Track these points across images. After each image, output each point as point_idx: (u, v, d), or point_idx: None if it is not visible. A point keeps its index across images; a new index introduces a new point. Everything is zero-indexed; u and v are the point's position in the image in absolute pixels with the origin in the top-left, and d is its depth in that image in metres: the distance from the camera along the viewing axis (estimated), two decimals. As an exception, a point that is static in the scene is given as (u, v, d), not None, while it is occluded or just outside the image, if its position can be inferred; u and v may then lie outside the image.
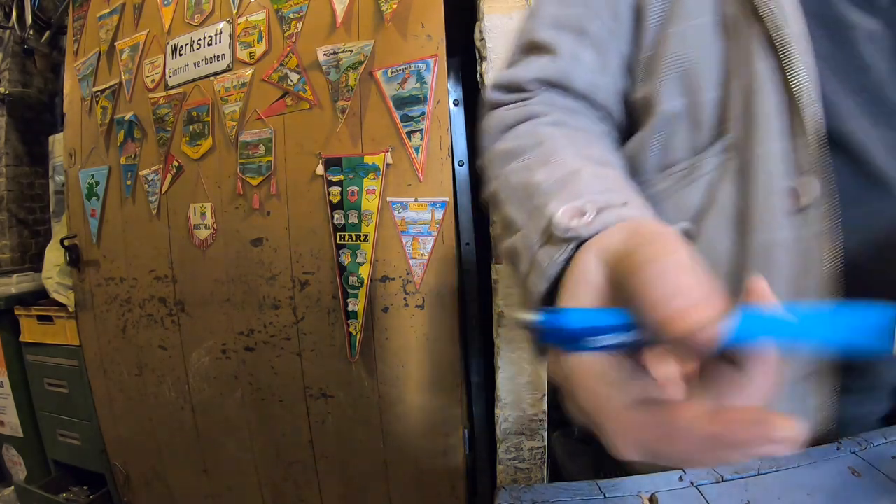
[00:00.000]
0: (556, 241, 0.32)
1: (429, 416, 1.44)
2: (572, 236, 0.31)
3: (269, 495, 1.71)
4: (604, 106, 0.54)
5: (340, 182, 1.43)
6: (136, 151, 1.78)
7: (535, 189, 0.40)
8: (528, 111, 0.51)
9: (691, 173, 0.49)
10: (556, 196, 0.36)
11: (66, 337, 1.99)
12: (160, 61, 1.70)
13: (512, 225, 0.41)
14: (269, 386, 1.63)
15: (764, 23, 0.44)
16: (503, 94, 0.55)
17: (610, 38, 0.53)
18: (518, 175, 0.44)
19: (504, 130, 0.52)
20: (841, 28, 0.45)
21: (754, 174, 0.45)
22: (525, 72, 0.54)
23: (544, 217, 0.35)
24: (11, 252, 2.41)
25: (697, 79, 0.48)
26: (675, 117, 0.50)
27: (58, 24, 2.28)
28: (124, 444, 1.98)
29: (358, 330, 1.45)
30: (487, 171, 0.52)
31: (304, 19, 1.46)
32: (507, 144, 0.49)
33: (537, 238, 0.35)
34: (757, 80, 0.45)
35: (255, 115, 1.54)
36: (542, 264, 0.33)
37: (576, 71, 0.52)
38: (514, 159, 0.47)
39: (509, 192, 0.44)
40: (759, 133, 0.45)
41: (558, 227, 0.32)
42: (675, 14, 0.50)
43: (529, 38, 0.55)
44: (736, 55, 0.47)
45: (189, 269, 1.71)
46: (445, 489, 1.46)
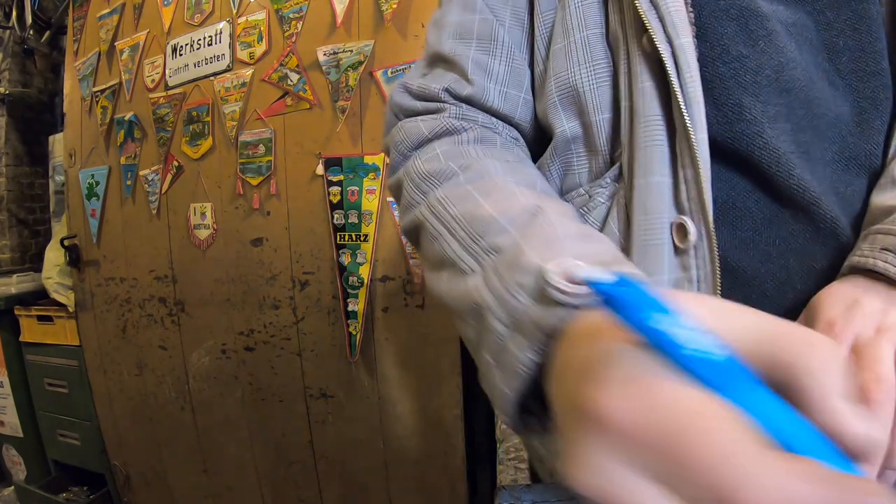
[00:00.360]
0: (551, 304, 0.27)
1: (429, 416, 1.44)
2: (577, 304, 0.26)
3: (269, 495, 1.71)
4: (518, 122, 0.50)
5: (340, 182, 1.43)
6: (136, 151, 1.78)
7: (487, 225, 0.35)
8: (444, 125, 0.46)
9: (587, 202, 0.45)
10: (527, 240, 0.31)
11: (66, 337, 1.99)
12: (160, 61, 1.70)
13: (453, 264, 0.36)
14: (269, 386, 1.63)
15: (648, 34, 0.39)
16: (413, 99, 0.50)
17: (518, 47, 0.49)
18: (455, 205, 0.38)
19: (418, 145, 0.47)
20: (753, 20, 0.41)
21: (635, 208, 0.40)
22: (436, 83, 0.49)
23: (524, 270, 0.29)
24: (11, 252, 2.41)
25: (587, 99, 0.44)
26: (573, 140, 0.46)
27: (58, 24, 2.28)
28: (124, 444, 1.98)
29: (358, 330, 1.45)
30: (405, 193, 0.45)
31: (304, 19, 1.46)
32: (429, 165, 0.43)
33: (520, 294, 0.29)
34: (641, 102, 0.40)
35: (255, 115, 1.54)
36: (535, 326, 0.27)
37: (487, 86, 0.48)
38: (441, 183, 0.41)
39: (446, 224, 0.38)
40: (642, 162, 0.40)
41: (554, 290, 0.26)
42: (562, 26, 0.46)
43: (435, 49, 0.51)
44: (623, 72, 0.42)
45: (189, 269, 1.71)
46: (445, 489, 1.46)
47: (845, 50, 0.42)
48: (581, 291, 0.25)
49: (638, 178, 0.40)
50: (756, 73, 0.40)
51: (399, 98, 0.52)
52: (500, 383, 0.29)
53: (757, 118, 0.40)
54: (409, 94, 0.51)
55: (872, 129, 0.43)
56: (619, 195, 0.43)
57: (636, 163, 0.40)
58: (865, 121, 0.43)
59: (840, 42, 0.42)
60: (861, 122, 0.43)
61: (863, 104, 0.43)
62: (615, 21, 0.43)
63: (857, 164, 0.43)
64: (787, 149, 0.40)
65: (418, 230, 0.43)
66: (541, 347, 0.27)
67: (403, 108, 0.51)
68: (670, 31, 0.38)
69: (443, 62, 0.50)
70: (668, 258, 0.40)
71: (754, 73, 0.40)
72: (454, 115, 0.47)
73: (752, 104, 0.40)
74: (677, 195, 0.39)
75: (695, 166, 0.38)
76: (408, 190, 0.45)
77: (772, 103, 0.40)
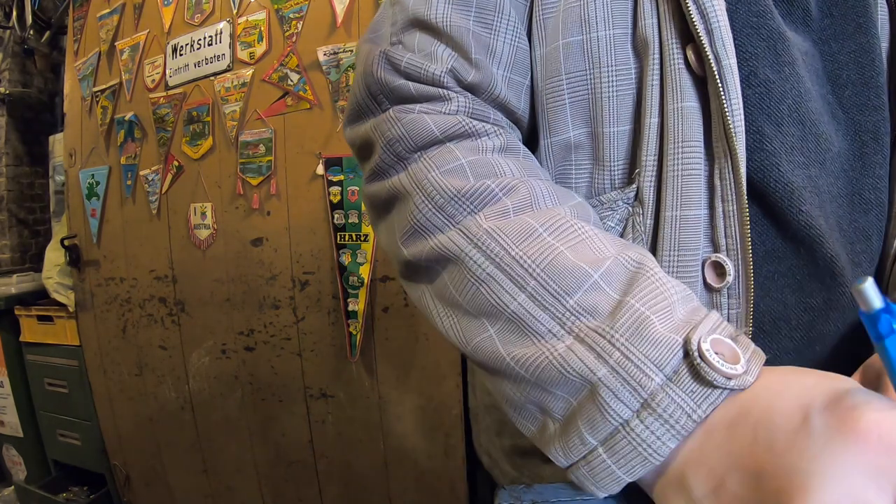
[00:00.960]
0: (703, 383, 0.25)
1: (429, 416, 1.44)
2: (735, 386, 0.24)
3: (269, 495, 1.71)
4: (520, 117, 0.43)
5: (341, 182, 1.43)
6: (137, 151, 1.78)
7: (575, 279, 0.29)
8: (461, 125, 0.38)
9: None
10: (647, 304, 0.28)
11: (66, 337, 1.99)
12: (160, 61, 1.70)
13: (517, 320, 0.31)
14: (269, 386, 1.63)
15: (696, 45, 0.35)
16: (401, 78, 0.40)
17: (522, 23, 0.42)
18: (516, 244, 0.32)
19: (424, 146, 0.38)
20: (781, 44, 0.38)
21: (664, 242, 0.37)
22: (433, 62, 0.39)
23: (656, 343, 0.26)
24: (11, 252, 2.41)
25: (604, 108, 0.39)
26: (576, 149, 0.41)
27: (58, 24, 2.28)
28: (124, 444, 1.98)
29: (358, 330, 1.45)
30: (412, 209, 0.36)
31: (304, 19, 1.46)
32: (454, 180, 0.35)
33: (655, 373, 0.26)
34: (679, 123, 0.36)
35: (255, 115, 1.54)
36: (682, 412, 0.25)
37: (493, 70, 0.40)
38: (480, 207, 0.34)
39: (506, 268, 0.31)
40: (674, 192, 0.36)
41: (712, 369, 0.24)
42: (581, 16, 0.39)
43: (419, 12, 0.40)
44: (652, 83, 0.37)
45: (189, 269, 1.71)
46: (445, 489, 1.46)
47: (848, 83, 0.41)
48: (738, 371, 0.24)
49: (669, 209, 0.36)
50: (780, 101, 0.37)
51: (381, 72, 0.40)
52: (615, 467, 0.26)
53: (776, 150, 0.37)
54: (394, 71, 0.40)
55: (874, 164, 0.42)
56: (637, 221, 0.38)
57: (666, 192, 0.36)
58: (867, 154, 0.42)
59: (843, 74, 0.41)
60: (863, 157, 0.42)
61: (864, 138, 0.42)
62: (648, 23, 0.37)
63: (861, 200, 0.42)
64: (800, 183, 0.38)
65: (439, 265, 0.35)
66: (685, 435, 0.25)
67: (388, 89, 0.40)
68: (718, 48, 0.34)
69: (429, 30, 0.40)
70: (699, 296, 0.37)
71: (778, 100, 0.37)
72: (465, 109, 0.39)
73: (774, 134, 0.37)
74: (714, 231, 0.36)
75: (739, 202, 0.34)
76: (420, 208, 0.36)
77: (790, 134, 0.38)
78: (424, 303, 0.38)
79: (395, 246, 0.39)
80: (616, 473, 0.26)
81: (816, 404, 0.22)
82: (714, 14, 0.34)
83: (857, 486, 0.19)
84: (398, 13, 0.42)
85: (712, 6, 0.34)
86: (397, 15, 0.42)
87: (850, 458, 0.20)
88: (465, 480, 1.45)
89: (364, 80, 0.41)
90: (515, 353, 0.30)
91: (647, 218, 0.38)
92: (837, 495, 0.19)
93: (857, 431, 0.20)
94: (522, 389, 0.31)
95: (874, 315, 0.21)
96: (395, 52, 0.40)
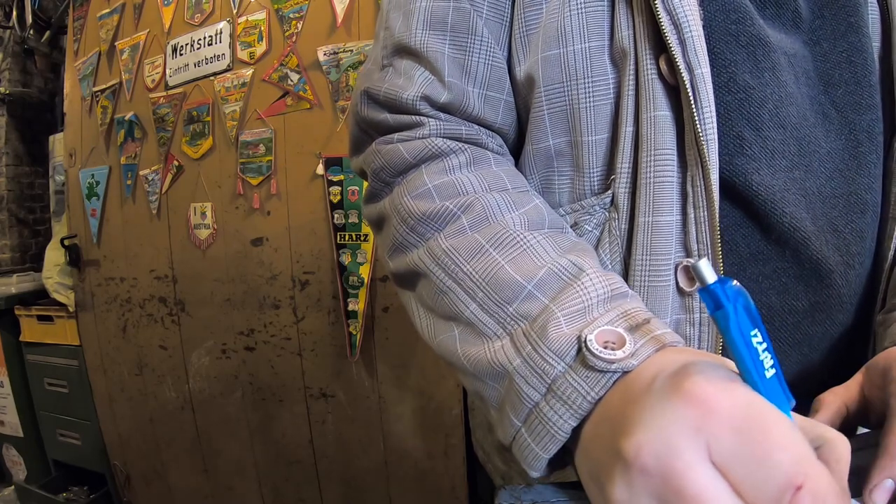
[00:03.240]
0: (591, 369, 0.28)
1: (429, 416, 1.44)
2: (618, 369, 0.27)
3: (269, 495, 1.71)
4: (500, 128, 0.45)
5: (341, 182, 1.43)
6: (137, 151, 1.78)
7: (512, 290, 0.33)
8: (429, 148, 0.41)
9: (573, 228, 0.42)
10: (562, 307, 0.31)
11: (66, 337, 1.99)
12: (160, 61, 1.70)
13: (471, 325, 0.35)
14: (269, 386, 1.63)
15: (668, 56, 0.36)
16: (381, 110, 0.44)
17: (498, 42, 0.44)
18: (468, 261, 0.36)
19: (402, 171, 0.42)
20: (761, 50, 0.38)
21: (637, 247, 0.38)
22: (408, 89, 0.42)
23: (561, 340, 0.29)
24: (11, 252, 2.41)
25: (582, 118, 0.41)
26: (557, 157, 0.43)
27: (58, 24, 2.28)
28: (124, 443, 1.98)
29: (358, 330, 1.45)
30: (392, 231, 0.42)
31: (304, 19, 1.46)
32: (422, 204, 0.39)
33: (557, 363, 0.29)
34: (651, 132, 0.37)
35: (255, 114, 1.54)
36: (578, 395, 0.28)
37: (467, 89, 0.43)
38: (442, 227, 0.39)
39: (460, 282, 0.36)
40: (647, 199, 0.38)
41: (595, 357, 0.27)
42: (558, 30, 0.41)
43: (402, 40, 0.44)
44: (628, 93, 0.38)
45: (189, 268, 1.71)
46: (445, 489, 1.46)
47: (841, 83, 0.42)
48: (618, 357, 0.27)
49: (642, 215, 0.38)
50: (760, 105, 0.38)
51: (365, 111, 0.45)
52: (534, 445, 0.30)
53: (756, 154, 0.38)
54: (375, 104, 0.45)
55: (868, 163, 0.42)
56: (612, 226, 0.40)
57: (640, 198, 0.38)
58: (861, 154, 0.42)
59: (836, 74, 0.42)
60: (857, 156, 0.42)
61: (859, 137, 0.42)
62: (624, 35, 0.38)
63: (858, 200, 0.42)
64: (783, 186, 0.39)
65: (416, 277, 0.40)
66: (582, 414, 0.28)
67: (373, 125, 0.45)
68: (690, 57, 0.35)
69: (410, 55, 0.44)
70: (671, 299, 0.38)
71: (758, 105, 0.38)
72: (436, 131, 0.42)
73: (753, 138, 0.38)
74: (686, 236, 0.37)
75: (710, 208, 0.36)
76: (397, 229, 0.41)
77: (770, 139, 0.38)
78: (409, 306, 0.43)
79: (384, 259, 0.45)
80: (535, 450, 0.30)
81: (667, 371, 0.24)
82: (687, 24, 0.35)
83: (674, 436, 0.21)
84: (387, 38, 0.45)
85: (685, 17, 0.35)
86: (387, 40, 0.45)
87: (673, 413, 0.22)
88: (465, 480, 1.45)
89: (354, 118, 0.48)
90: (466, 350, 0.35)
91: (622, 223, 0.40)
92: (654, 440, 0.22)
93: (683, 392, 0.22)
94: (469, 381, 0.36)
95: (710, 289, 0.23)
96: (375, 86, 0.44)
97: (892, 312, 0.41)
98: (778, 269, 0.40)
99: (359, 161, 0.49)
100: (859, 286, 0.44)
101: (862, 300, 0.45)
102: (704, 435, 0.21)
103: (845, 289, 0.42)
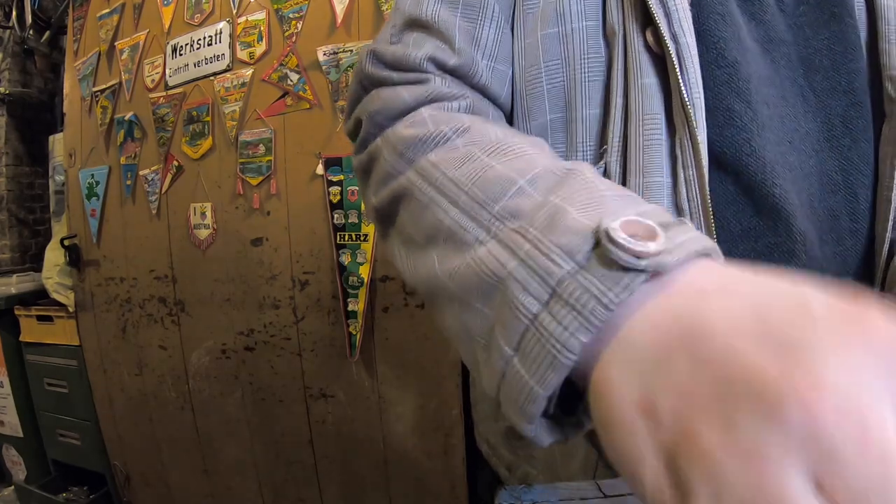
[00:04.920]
0: (612, 265, 0.21)
1: (429, 416, 1.44)
2: (648, 267, 0.21)
3: (269, 495, 1.70)
4: (503, 103, 0.46)
5: (340, 182, 1.43)
6: (136, 151, 1.78)
7: (501, 186, 0.29)
8: (429, 91, 0.41)
9: None
10: (564, 200, 0.26)
11: (66, 337, 1.99)
12: (160, 61, 1.70)
13: (451, 236, 0.30)
14: (269, 386, 1.63)
15: (654, 28, 0.38)
16: (387, 70, 0.43)
17: (506, 17, 0.45)
18: (454, 167, 0.32)
19: (399, 114, 0.41)
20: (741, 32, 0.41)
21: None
22: (415, 50, 0.42)
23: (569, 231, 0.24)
24: (11, 252, 2.41)
25: (578, 93, 0.42)
26: (553, 131, 0.44)
27: (58, 24, 2.28)
28: (124, 444, 1.98)
29: (358, 330, 1.45)
30: (381, 164, 0.40)
31: (304, 19, 1.46)
32: (414, 129, 0.38)
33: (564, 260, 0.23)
34: (639, 99, 0.39)
35: (255, 114, 1.54)
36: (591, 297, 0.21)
37: (476, 58, 0.43)
38: (433, 148, 0.36)
39: (441, 189, 0.32)
40: (638, 162, 0.39)
41: (622, 252, 0.21)
42: (556, 10, 0.43)
43: (413, 13, 0.44)
44: (618, 67, 0.40)
45: (189, 269, 1.71)
46: (445, 489, 1.46)
47: (820, 68, 0.43)
48: (651, 249, 0.21)
49: (633, 176, 0.39)
50: (747, 80, 0.40)
51: (370, 68, 0.44)
52: (528, 377, 0.23)
53: (746, 125, 0.39)
54: (381, 63, 0.44)
55: (841, 147, 0.43)
56: None
57: (631, 162, 0.39)
58: (834, 137, 0.43)
59: (816, 60, 0.43)
60: (830, 139, 0.43)
61: (833, 121, 0.43)
62: (615, 14, 0.41)
63: (829, 180, 0.43)
64: (772, 158, 0.40)
65: (398, 202, 0.36)
66: (596, 325, 0.21)
67: (375, 80, 0.44)
68: (676, 28, 0.37)
69: (421, 27, 0.44)
70: None
71: (746, 80, 0.40)
72: (439, 83, 0.42)
73: (743, 110, 0.39)
74: (677, 196, 0.38)
75: (698, 167, 0.37)
76: (386, 158, 0.39)
77: (759, 112, 0.40)
78: (392, 249, 0.39)
79: (369, 202, 0.42)
80: (529, 384, 0.23)
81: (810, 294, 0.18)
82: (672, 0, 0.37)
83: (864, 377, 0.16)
84: (396, 17, 0.46)
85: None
86: (396, 19, 0.46)
87: (860, 350, 0.16)
88: (465, 480, 1.45)
89: (356, 76, 0.46)
90: (446, 266, 0.30)
91: None
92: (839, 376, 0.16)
93: (868, 326, 0.17)
94: (452, 309, 0.30)
95: None
96: (383, 47, 0.44)
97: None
98: (770, 244, 0.41)
99: (357, 111, 0.46)
100: (840, 265, 0.44)
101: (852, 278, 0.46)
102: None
103: (823, 263, 0.43)
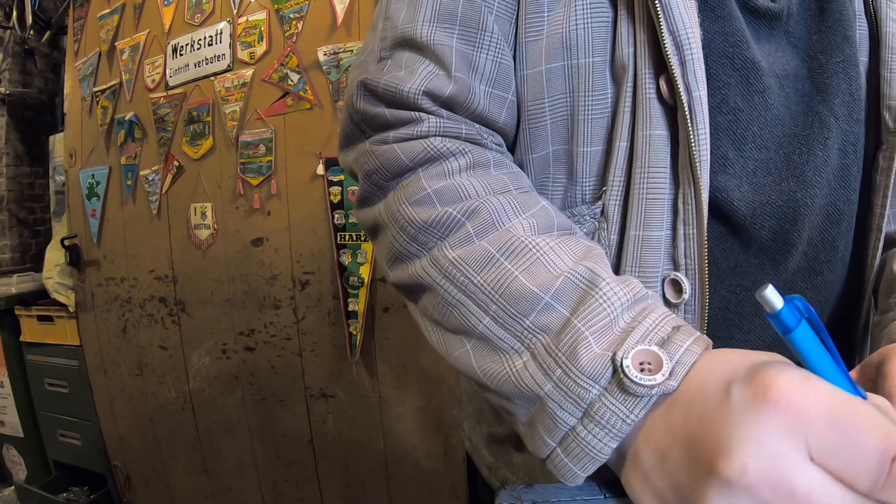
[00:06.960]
0: (630, 394, 0.28)
1: (429, 416, 1.44)
2: (657, 392, 0.27)
3: (269, 495, 1.71)
4: (502, 127, 0.44)
5: (341, 182, 1.43)
6: (137, 151, 1.78)
7: (528, 302, 0.32)
8: (427, 150, 0.39)
9: None
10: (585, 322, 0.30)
11: (67, 337, 1.99)
12: (160, 61, 1.70)
13: (485, 339, 0.34)
14: (269, 386, 1.63)
15: (669, 76, 0.36)
16: (378, 104, 0.42)
17: (507, 40, 0.43)
18: (477, 272, 0.35)
19: (397, 175, 0.41)
20: (754, 74, 0.39)
21: (627, 259, 0.39)
22: (409, 81, 0.40)
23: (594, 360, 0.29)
24: (11, 252, 2.41)
25: (580, 130, 0.41)
26: (554, 163, 0.43)
27: (58, 24, 2.28)
28: (124, 444, 1.98)
29: (358, 330, 1.45)
30: (390, 238, 0.40)
31: (304, 19, 1.46)
32: (422, 212, 0.38)
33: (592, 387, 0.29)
34: (646, 149, 0.38)
35: (255, 115, 1.54)
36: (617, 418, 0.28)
37: (473, 85, 0.41)
38: (445, 235, 0.37)
39: (471, 295, 0.35)
40: (639, 213, 0.38)
41: (635, 384, 0.27)
42: (563, 43, 0.40)
43: (406, 32, 0.42)
44: (624, 109, 0.39)
45: (189, 269, 1.71)
46: (445, 489, 1.46)
47: (838, 92, 0.43)
48: (658, 381, 0.27)
49: (633, 229, 0.39)
50: (746, 127, 0.39)
51: (360, 104, 0.43)
52: (572, 465, 0.30)
53: (738, 173, 0.39)
54: (372, 96, 0.42)
55: (850, 175, 0.44)
56: (602, 235, 0.41)
57: (632, 212, 0.39)
58: (847, 166, 0.43)
59: (832, 83, 0.42)
60: (844, 167, 0.43)
61: (847, 149, 0.43)
62: (625, 48, 0.38)
63: (835, 211, 0.43)
64: (766, 200, 0.40)
65: (420, 289, 0.39)
66: (622, 436, 0.28)
67: (367, 118, 0.43)
68: (690, 80, 0.35)
69: (413, 48, 0.42)
70: None
71: (744, 128, 0.39)
72: (435, 129, 0.40)
73: (736, 158, 0.39)
74: (675, 251, 0.38)
75: (700, 225, 0.37)
76: (396, 238, 0.39)
77: (752, 158, 0.40)
78: (415, 316, 0.42)
79: (384, 268, 0.44)
80: (573, 470, 0.30)
81: (738, 378, 0.25)
82: (689, 46, 0.35)
83: (774, 445, 0.22)
84: (388, 29, 0.43)
85: (688, 38, 0.35)
86: (387, 31, 0.43)
87: (765, 423, 0.22)
88: (465, 480, 1.45)
89: (348, 110, 0.45)
90: (485, 367, 0.34)
91: (611, 234, 0.40)
92: (755, 455, 0.22)
93: (769, 400, 0.23)
94: (494, 397, 0.35)
95: (778, 314, 0.23)
96: (375, 77, 0.42)
97: (886, 314, 0.42)
98: (757, 281, 0.41)
99: (349, 158, 0.46)
100: (829, 292, 0.46)
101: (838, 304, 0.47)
102: (801, 435, 0.22)
103: (809, 294, 0.44)
